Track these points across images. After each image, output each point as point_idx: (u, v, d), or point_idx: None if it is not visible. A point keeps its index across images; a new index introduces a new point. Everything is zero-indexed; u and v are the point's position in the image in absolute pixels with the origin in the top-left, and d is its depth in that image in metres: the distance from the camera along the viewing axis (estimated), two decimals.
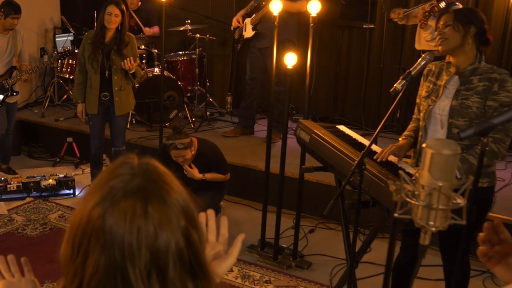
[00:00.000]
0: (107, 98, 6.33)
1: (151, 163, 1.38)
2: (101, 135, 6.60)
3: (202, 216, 1.88)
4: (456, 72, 3.86)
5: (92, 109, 6.39)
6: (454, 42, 3.79)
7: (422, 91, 4.07)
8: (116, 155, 6.64)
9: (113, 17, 6.04)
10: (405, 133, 4.20)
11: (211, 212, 1.90)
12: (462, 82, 3.82)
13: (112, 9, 6.05)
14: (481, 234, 1.71)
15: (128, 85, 6.41)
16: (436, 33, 3.92)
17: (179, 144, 5.48)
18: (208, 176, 5.80)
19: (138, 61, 6.29)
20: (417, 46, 7.01)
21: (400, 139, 4.18)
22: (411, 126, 4.23)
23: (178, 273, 1.29)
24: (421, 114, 4.04)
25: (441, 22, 3.85)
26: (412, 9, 7.13)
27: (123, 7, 6.17)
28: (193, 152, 5.69)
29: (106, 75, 6.22)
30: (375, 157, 3.91)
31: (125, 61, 6.08)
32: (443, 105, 3.88)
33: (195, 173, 5.73)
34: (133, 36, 6.49)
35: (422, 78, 4.10)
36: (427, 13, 6.42)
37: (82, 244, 1.29)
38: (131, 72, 6.19)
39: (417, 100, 4.16)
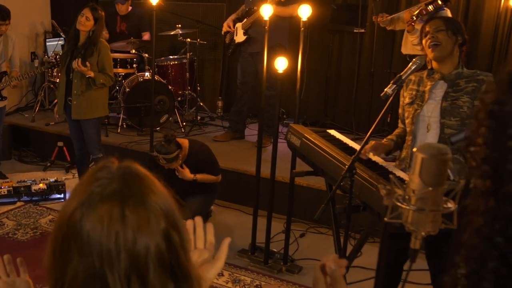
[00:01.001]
0: (71, 102, 6.31)
1: (131, 166, 1.37)
2: (79, 137, 6.51)
3: (189, 224, 1.89)
4: (441, 78, 3.93)
5: (59, 110, 6.43)
6: (447, 48, 3.87)
7: (405, 99, 4.12)
8: (96, 164, 6.64)
9: (84, 19, 6.00)
10: (389, 136, 4.24)
11: (198, 219, 1.91)
12: (450, 85, 3.88)
13: (85, 11, 6.03)
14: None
15: (90, 90, 6.24)
16: (426, 37, 3.94)
17: (162, 159, 5.51)
18: (199, 177, 5.79)
19: (101, 72, 6.22)
20: (403, 51, 7.04)
21: (383, 140, 4.22)
22: (395, 131, 4.30)
23: (159, 276, 1.27)
24: (407, 120, 4.08)
25: (432, 27, 3.88)
26: (398, 14, 7.17)
27: (100, 14, 6.11)
28: (180, 161, 5.69)
29: (70, 77, 6.21)
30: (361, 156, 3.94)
31: (74, 61, 6.04)
32: (431, 107, 3.93)
33: (186, 173, 5.73)
34: (107, 44, 6.43)
35: (401, 90, 4.13)
36: (414, 16, 6.44)
37: (63, 250, 1.28)
38: (87, 76, 6.10)
39: (400, 111, 4.20)
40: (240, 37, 7.67)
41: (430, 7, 6.49)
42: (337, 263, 1.73)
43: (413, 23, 6.44)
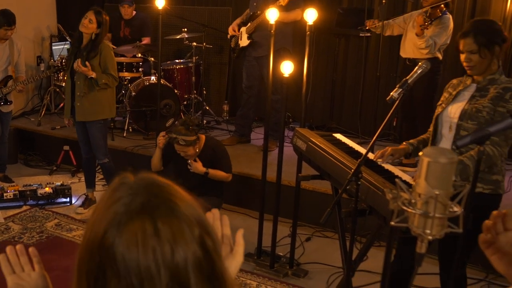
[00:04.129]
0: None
1: (149, 178, 1.32)
2: (86, 141, 6.52)
3: (208, 216, 1.82)
4: (474, 81, 3.92)
5: (66, 113, 6.46)
6: (482, 68, 3.84)
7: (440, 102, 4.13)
8: (103, 169, 6.70)
9: (87, 21, 6.02)
10: (410, 141, 4.21)
11: (216, 212, 1.86)
12: (478, 89, 3.87)
13: (89, 14, 6.06)
14: (487, 222, 1.70)
15: (93, 91, 6.24)
16: (463, 56, 3.89)
17: (181, 140, 5.50)
18: (211, 171, 5.79)
19: (104, 73, 6.21)
20: (402, 54, 7.04)
21: (403, 144, 4.20)
22: (421, 136, 4.27)
23: (200, 285, 1.24)
24: (433, 122, 4.09)
25: (465, 48, 3.82)
26: (393, 19, 7.20)
27: (104, 18, 6.12)
28: (197, 150, 5.70)
29: (74, 79, 6.24)
30: (373, 157, 3.93)
31: (75, 62, 6.06)
32: (455, 108, 3.94)
33: (199, 166, 5.73)
34: (109, 45, 6.46)
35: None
36: (428, 19, 6.43)
37: (98, 279, 1.23)
38: (89, 76, 6.10)
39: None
40: (244, 41, 7.68)
41: (438, 11, 6.50)
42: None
43: (426, 28, 6.43)
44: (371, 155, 4.11)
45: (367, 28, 7.42)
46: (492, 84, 3.82)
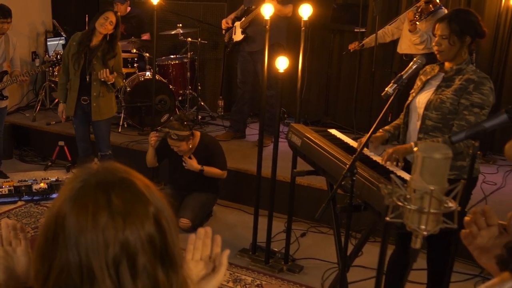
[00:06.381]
0: (86, 103, 6.36)
1: (111, 163, 1.37)
2: (86, 139, 6.61)
3: (201, 232, 1.89)
4: (442, 70, 4.02)
5: (69, 111, 6.46)
6: (450, 54, 3.93)
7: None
8: (103, 160, 6.65)
9: (108, 23, 6.07)
10: (385, 127, 4.31)
11: (208, 230, 1.90)
12: (445, 79, 3.96)
13: (110, 15, 6.11)
14: (466, 218, 1.73)
15: (108, 92, 6.40)
16: (433, 42, 3.99)
17: (174, 134, 5.51)
18: (206, 168, 5.80)
19: (116, 73, 6.30)
20: (399, 50, 7.07)
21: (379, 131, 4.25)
22: (394, 122, 4.37)
23: (149, 259, 1.27)
24: (404, 110, 4.19)
25: (438, 32, 3.92)
26: (393, 21, 7.27)
27: (119, 19, 6.21)
28: (190, 146, 5.70)
29: (87, 79, 6.24)
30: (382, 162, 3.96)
31: (100, 72, 6.10)
32: (423, 98, 4.05)
33: (194, 163, 5.74)
34: (120, 45, 6.52)
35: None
36: (417, 15, 6.45)
37: (52, 249, 1.27)
38: (109, 82, 6.22)
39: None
40: (238, 36, 7.67)
41: (431, 6, 6.51)
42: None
43: (416, 22, 6.45)
44: (366, 151, 4.12)
45: (351, 50, 7.57)
46: (458, 74, 3.91)
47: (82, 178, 1.30)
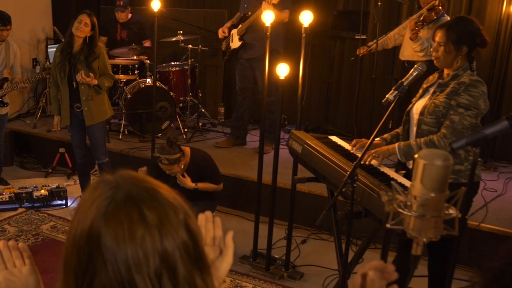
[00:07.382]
0: (80, 110, 6.30)
1: (127, 173, 1.36)
2: (82, 146, 6.56)
3: (201, 218, 1.89)
4: (440, 77, 4.06)
5: (65, 121, 6.39)
6: (446, 61, 3.95)
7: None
8: (100, 169, 6.65)
9: (82, 25, 6.00)
10: (384, 136, 4.33)
11: (208, 214, 1.91)
12: (440, 85, 3.99)
13: (83, 18, 6.04)
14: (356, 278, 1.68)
15: (99, 94, 6.31)
16: (432, 48, 4.01)
17: (164, 159, 5.47)
18: (201, 185, 5.77)
19: (102, 74, 6.24)
20: (401, 57, 7.08)
21: (376, 138, 4.25)
22: (393, 131, 4.40)
23: (187, 267, 1.27)
24: (403, 118, 4.23)
25: (437, 38, 3.94)
26: (385, 36, 7.29)
27: (95, 20, 6.13)
28: (182, 166, 5.66)
29: (74, 85, 6.19)
30: (362, 162, 3.95)
31: (78, 75, 6.04)
32: (420, 104, 4.09)
33: (188, 182, 5.70)
34: (102, 46, 6.50)
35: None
36: (419, 23, 6.45)
37: (87, 270, 1.25)
38: (91, 84, 6.14)
39: None
40: (235, 43, 7.67)
41: (433, 14, 6.50)
42: (381, 271, 1.64)
43: (418, 32, 6.44)
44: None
45: (359, 55, 7.59)
46: (453, 80, 3.93)
47: (107, 195, 1.28)
